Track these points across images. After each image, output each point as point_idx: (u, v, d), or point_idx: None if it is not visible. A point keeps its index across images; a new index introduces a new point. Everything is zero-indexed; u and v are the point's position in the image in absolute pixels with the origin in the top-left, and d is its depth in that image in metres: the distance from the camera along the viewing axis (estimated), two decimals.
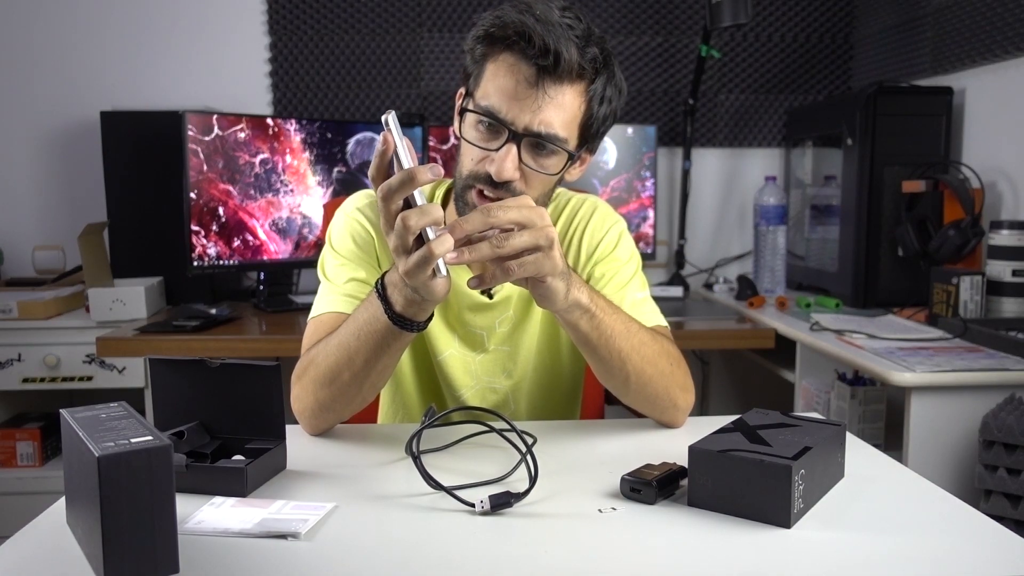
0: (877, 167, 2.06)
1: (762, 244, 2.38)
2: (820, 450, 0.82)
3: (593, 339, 0.96)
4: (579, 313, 0.93)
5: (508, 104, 0.97)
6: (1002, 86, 2.01)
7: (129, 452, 0.64)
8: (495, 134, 0.99)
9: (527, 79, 0.96)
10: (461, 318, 1.16)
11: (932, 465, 1.46)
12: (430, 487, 0.85)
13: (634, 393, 1.04)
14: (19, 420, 2.31)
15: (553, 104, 0.97)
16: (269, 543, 0.73)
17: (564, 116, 0.98)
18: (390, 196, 0.81)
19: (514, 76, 0.97)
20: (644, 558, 0.71)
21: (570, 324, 0.95)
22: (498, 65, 0.98)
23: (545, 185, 1.03)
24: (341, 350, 0.96)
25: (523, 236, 0.83)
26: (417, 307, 0.89)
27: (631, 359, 0.99)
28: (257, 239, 2.23)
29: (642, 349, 1.00)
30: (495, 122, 0.98)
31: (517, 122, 0.97)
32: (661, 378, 1.03)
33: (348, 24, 2.57)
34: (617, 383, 1.03)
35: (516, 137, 0.97)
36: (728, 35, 2.60)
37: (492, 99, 0.98)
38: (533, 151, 0.99)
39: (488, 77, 0.99)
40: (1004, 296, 1.80)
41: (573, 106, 0.99)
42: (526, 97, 0.96)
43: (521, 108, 0.96)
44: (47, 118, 2.56)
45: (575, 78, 0.97)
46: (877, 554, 0.71)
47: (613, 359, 0.98)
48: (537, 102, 0.96)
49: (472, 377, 1.18)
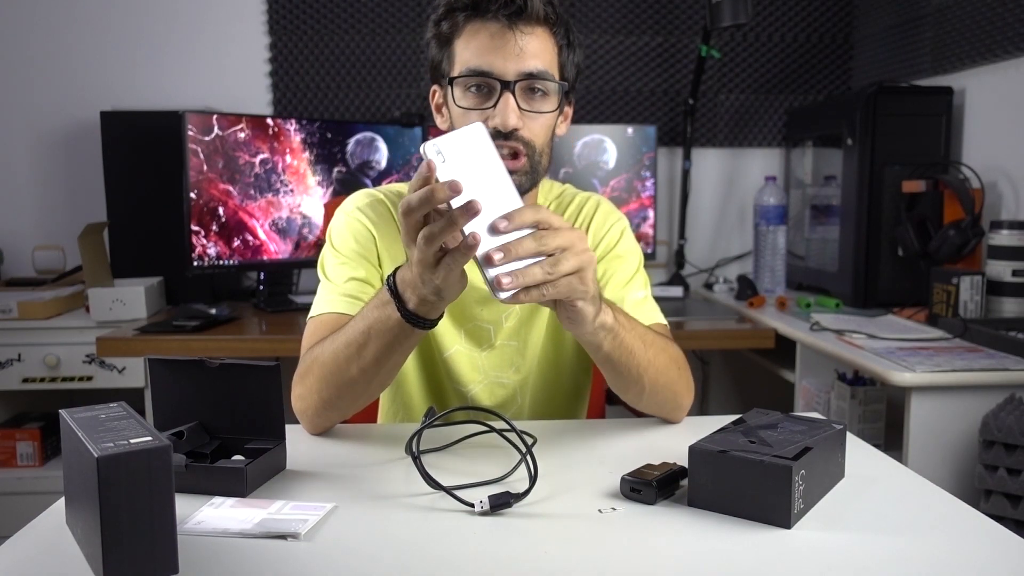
0: (877, 167, 2.06)
1: (762, 244, 2.38)
2: (820, 450, 0.82)
3: (614, 357, 0.96)
4: (603, 334, 0.92)
5: (491, 58, 1.00)
6: (1002, 86, 2.01)
7: (128, 452, 0.64)
8: (487, 93, 1.02)
9: (500, 31, 1.00)
10: (468, 313, 1.16)
11: (932, 465, 1.46)
12: (430, 487, 0.85)
13: (646, 400, 1.05)
14: (19, 420, 2.31)
15: (532, 45, 1.01)
16: (269, 543, 0.73)
17: (545, 55, 1.03)
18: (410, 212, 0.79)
19: (488, 32, 1.01)
20: (644, 558, 0.71)
21: (593, 344, 0.94)
22: (468, 34, 1.03)
23: (546, 130, 1.05)
24: (351, 348, 0.95)
25: (569, 262, 0.81)
26: (431, 305, 0.88)
27: (647, 372, 0.99)
28: (257, 239, 2.23)
29: (656, 361, 1.00)
30: (484, 78, 1.01)
31: (506, 72, 1.00)
32: (671, 385, 1.04)
33: (348, 24, 2.57)
34: (632, 395, 1.04)
35: (509, 85, 1.00)
36: (728, 35, 2.60)
37: (474, 60, 1.01)
38: (527, 96, 1.02)
39: (461, 48, 1.03)
40: (1004, 296, 1.80)
41: (548, 46, 1.03)
42: (505, 46, 1.00)
43: (505, 58, 1.00)
44: (47, 118, 2.56)
45: (542, 21, 1.02)
46: (877, 554, 0.71)
47: (632, 374, 0.99)
48: (518, 45, 1.00)
49: (480, 372, 1.18)
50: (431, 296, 0.86)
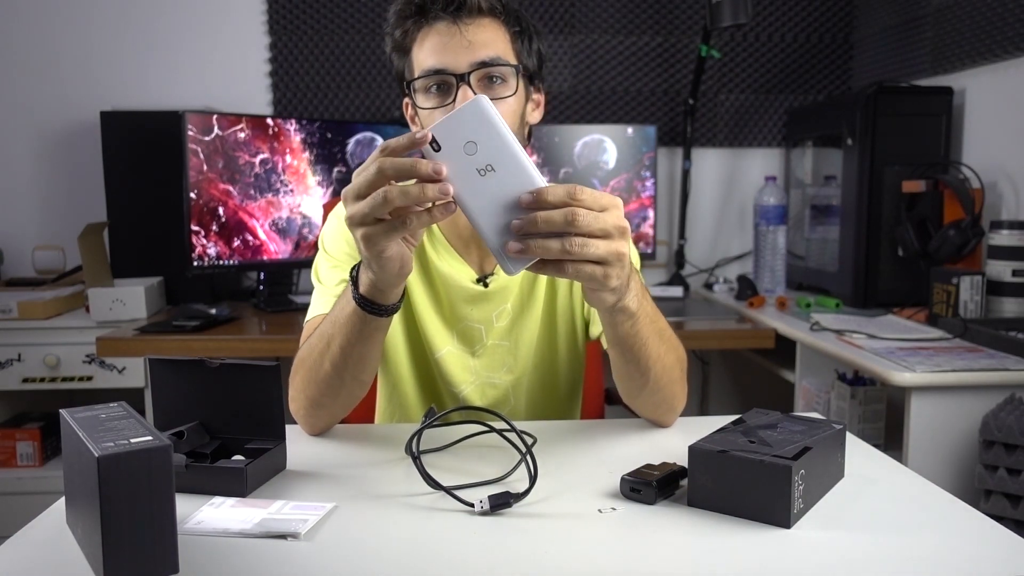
0: (877, 167, 2.06)
1: (762, 244, 2.38)
2: (820, 450, 0.82)
3: (628, 343, 0.94)
4: (623, 317, 0.90)
5: (442, 56, 1.03)
6: (1002, 86, 2.01)
7: (129, 452, 0.64)
8: (446, 91, 1.04)
9: (447, 29, 1.03)
10: (458, 312, 1.16)
11: (932, 465, 1.46)
12: (430, 487, 0.85)
13: (645, 395, 1.03)
14: (19, 420, 2.31)
15: (480, 36, 1.03)
16: (269, 543, 0.73)
17: (497, 44, 1.04)
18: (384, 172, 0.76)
19: (436, 34, 1.04)
20: (644, 558, 0.71)
21: (610, 324, 0.92)
22: (420, 39, 1.05)
23: (512, 115, 1.06)
24: (322, 342, 0.97)
25: (599, 249, 0.75)
26: (378, 290, 0.88)
27: (655, 367, 0.98)
28: (257, 239, 2.23)
29: (664, 358, 0.99)
30: (440, 75, 1.03)
31: (458, 65, 1.02)
32: (671, 385, 1.03)
33: (348, 24, 2.57)
34: (633, 386, 1.01)
35: (464, 78, 1.02)
36: (728, 35, 2.60)
37: (428, 61, 1.04)
38: (485, 85, 1.04)
39: (416, 53, 1.06)
40: (1004, 296, 1.79)
41: (499, 35, 1.05)
42: (452, 42, 1.02)
43: (455, 53, 1.02)
44: (47, 118, 2.56)
45: (486, 13, 1.04)
46: (877, 554, 0.71)
47: (640, 364, 0.97)
48: (465, 39, 1.02)
49: (471, 373, 1.18)
50: (375, 276, 0.85)
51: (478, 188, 0.75)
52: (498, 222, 0.75)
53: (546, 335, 1.20)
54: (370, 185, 0.77)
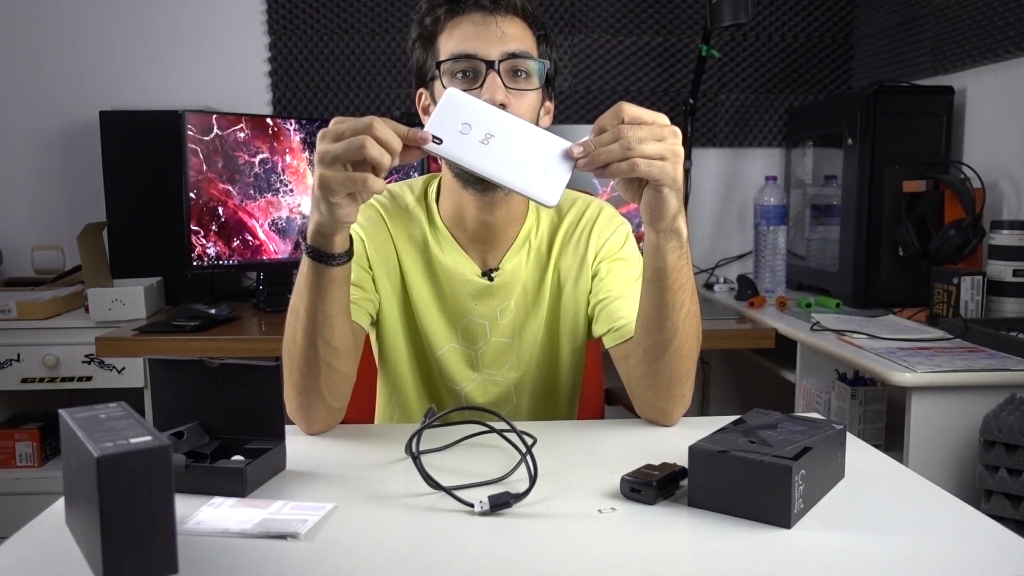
0: (877, 167, 2.06)
1: (762, 244, 2.38)
2: (820, 450, 0.81)
3: (670, 277, 0.95)
4: (675, 243, 0.94)
5: (474, 43, 1.05)
6: (1003, 86, 2.01)
7: (128, 452, 0.64)
8: (472, 77, 1.05)
9: (482, 19, 1.06)
10: (462, 308, 1.16)
11: (932, 465, 1.46)
12: (430, 487, 0.85)
13: (664, 363, 1.01)
14: (18, 420, 2.31)
15: (512, 30, 1.06)
16: (269, 543, 0.73)
17: (525, 40, 1.08)
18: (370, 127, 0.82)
19: (470, 22, 1.06)
20: (644, 558, 0.71)
21: (660, 251, 0.94)
22: (450, 29, 1.07)
23: (532, 111, 1.08)
24: (291, 315, 1.00)
25: (656, 146, 0.85)
26: (321, 236, 0.91)
27: (682, 327, 0.99)
28: (256, 239, 2.23)
29: (691, 320, 1.00)
30: (470, 60, 1.04)
31: (490, 53, 1.04)
32: (690, 356, 1.02)
33: (348, 24, 2.57)
34: (660, 338, 1.00)
35: (493, 65, 1.04)
36: (728, 35, 2.60)
37: (459, 47, 1.05)
38: (511, 77, 1.06)
39: (444, 41, 1.08)
40: (1005, 296, 1.79)
41: (527, 34, 1.09)
42: (486, 32, 1.05)
43: (487, 42, 1.05)
44: (47, 118, 2.56)
45: (519, 13, 1.08)
46: (877, 554, 0.71)
47: (672, 311, 0.97)
48: (499, 29, 1.05)
49: (473, 369, 1.18)
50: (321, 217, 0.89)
51: (488, 154, 0.86)
52: (519, 169, 0.86)
53: (550, 333, 1.20)
54: (354, 131, 0.82)
